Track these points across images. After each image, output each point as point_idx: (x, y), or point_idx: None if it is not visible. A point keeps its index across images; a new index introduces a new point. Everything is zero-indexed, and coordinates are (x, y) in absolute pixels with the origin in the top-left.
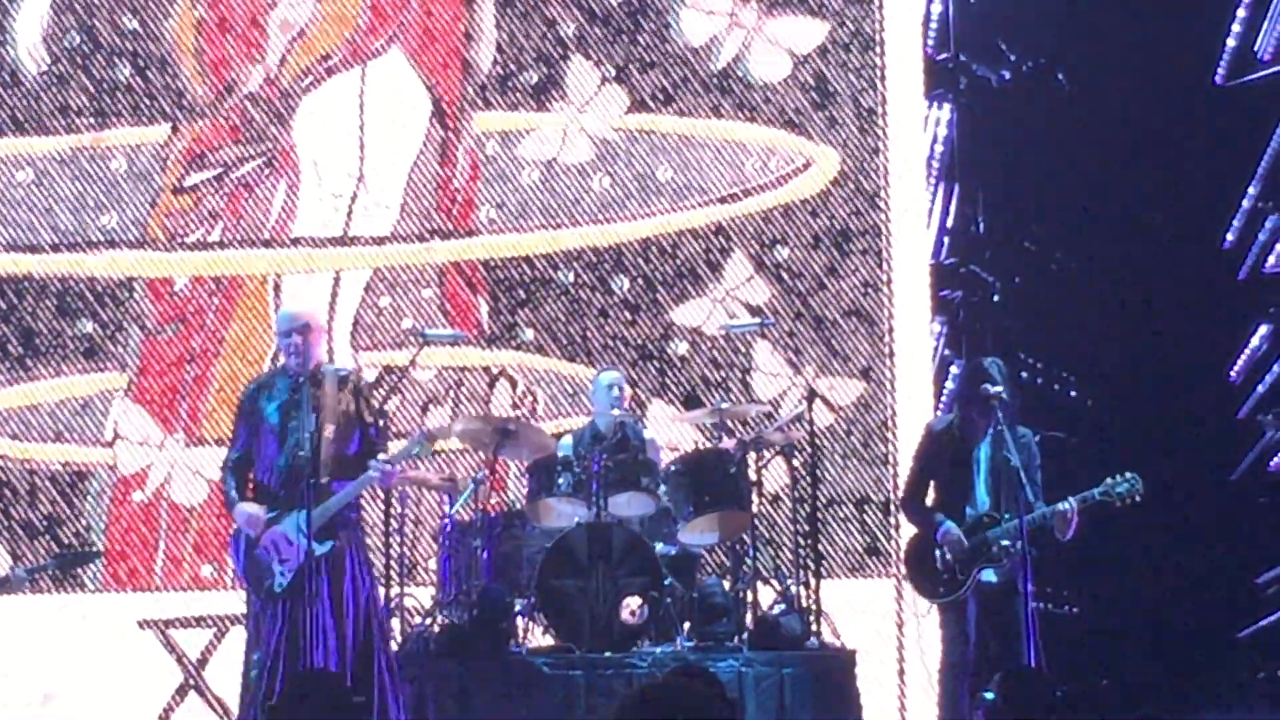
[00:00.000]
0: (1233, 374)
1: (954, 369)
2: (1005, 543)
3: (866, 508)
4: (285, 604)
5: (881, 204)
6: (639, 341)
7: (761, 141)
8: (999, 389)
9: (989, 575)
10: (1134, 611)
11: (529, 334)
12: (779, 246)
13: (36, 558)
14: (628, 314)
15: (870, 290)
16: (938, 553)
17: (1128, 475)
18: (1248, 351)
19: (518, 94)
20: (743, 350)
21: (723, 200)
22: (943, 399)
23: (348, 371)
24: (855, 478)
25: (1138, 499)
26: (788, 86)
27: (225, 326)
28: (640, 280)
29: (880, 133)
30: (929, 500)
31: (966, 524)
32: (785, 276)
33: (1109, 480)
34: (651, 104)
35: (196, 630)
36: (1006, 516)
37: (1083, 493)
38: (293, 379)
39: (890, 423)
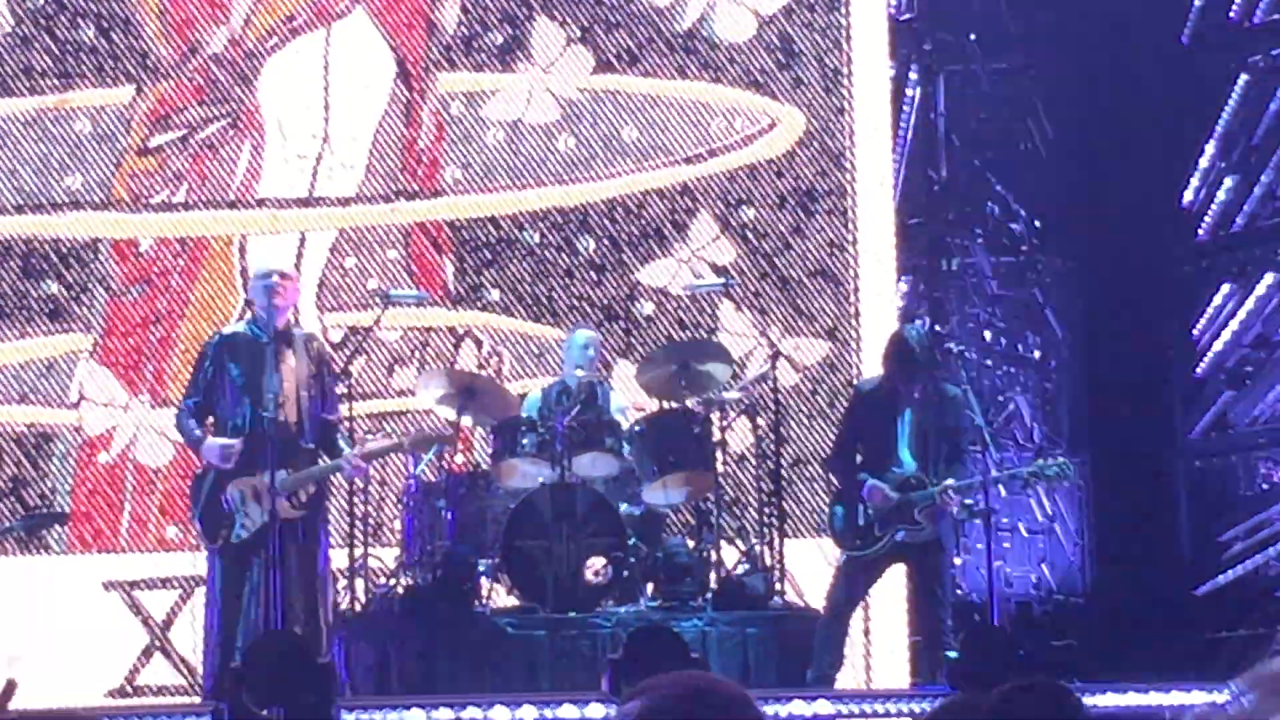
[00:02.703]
0: (1195, 333)
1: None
2: (923, 509)
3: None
4: (246, 564)
5: (847, 164)
6: (605, 302)
7: (726, 102)
8: (963, 347)
9: (907, 536)
10: (1094, 570)
11: (495, 294)
12: (744, 207)
13: (1, 519)
14: (593, 274)
15: (836, 250)
16: (860, 508)
17: (1059, 460)
18: (1210, 311)
19: (483, 54)
20: (708, 310)
21: (688, 160)
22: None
23: (311, 334)
24: (820, 437)
25: (1065, 483)
26: (753, 47)
27: (190, 288)
28: (606, 240)
29: (845, 93)
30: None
31: (890, 485)
32: (751, 237)
33: (1040, 461)
34: (617, 64)
35: (162, 591)
36: (933, 482)
37: (1012, 470)
38: (262, 332)
39: (855, 382)
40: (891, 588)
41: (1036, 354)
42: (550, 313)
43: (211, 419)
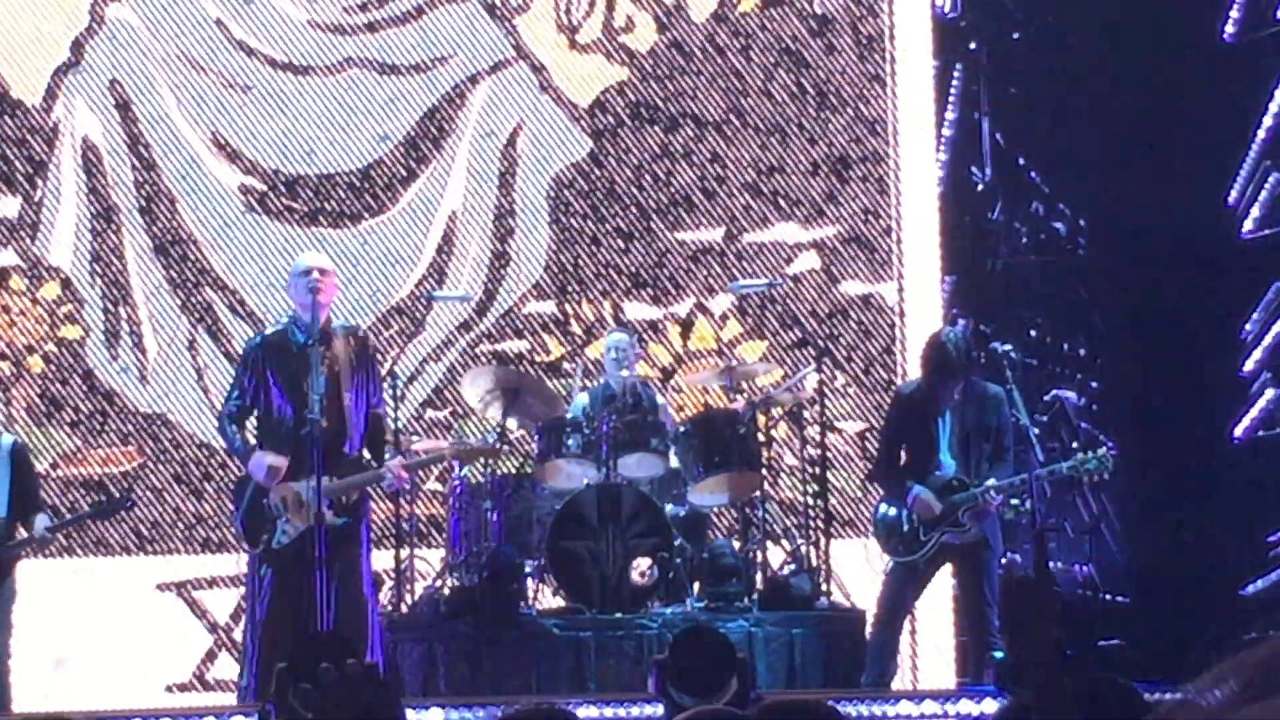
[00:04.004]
0: (1244, 332)
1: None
2: (967, 509)
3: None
4: (288, 568)
5: (882, 131)
6: (632, 269)
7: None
8: (1008, 346)
9: (952, 538)
10: (1140, 570)
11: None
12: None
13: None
14: (620, 242)
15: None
16: (905, 513)
17: (1099, 453)
18: (1259, 310)
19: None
20: (753, 310)
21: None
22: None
23: (354, 326)
24: (866, 438)
25: (1106, 476)
26: (785, 13)
27: None
28: (633, 209)
29: (880, 59)
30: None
31: (933, 488)
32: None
33: (1079, 456)
34: (644, 30)
35: (221, 590)
36: (975, 483)
37: (1050, 466)
38: (306, 333)
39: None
40: (937, 588)
41: (1081, 353)
42: (576, 281)
43: (253, 423)
